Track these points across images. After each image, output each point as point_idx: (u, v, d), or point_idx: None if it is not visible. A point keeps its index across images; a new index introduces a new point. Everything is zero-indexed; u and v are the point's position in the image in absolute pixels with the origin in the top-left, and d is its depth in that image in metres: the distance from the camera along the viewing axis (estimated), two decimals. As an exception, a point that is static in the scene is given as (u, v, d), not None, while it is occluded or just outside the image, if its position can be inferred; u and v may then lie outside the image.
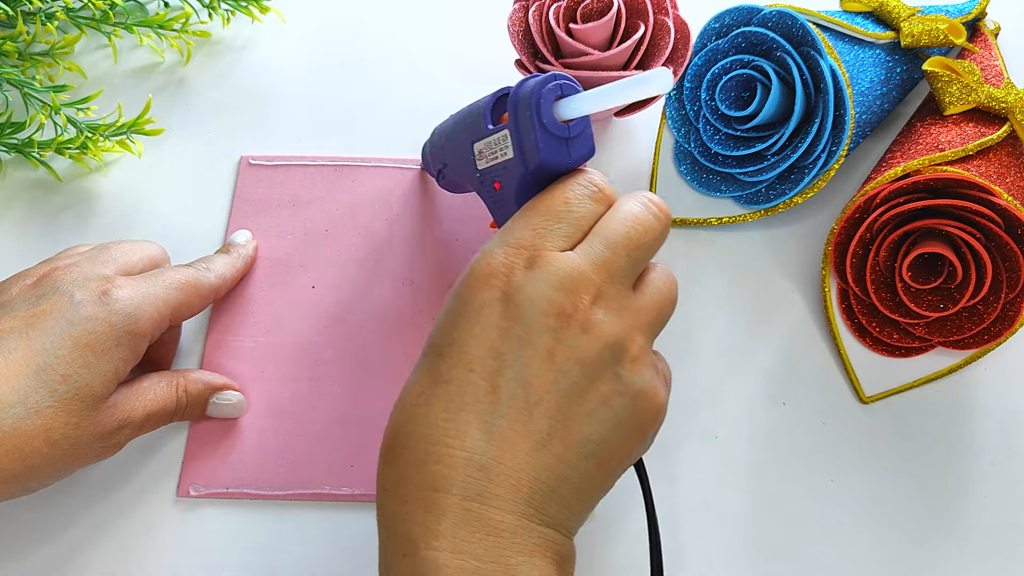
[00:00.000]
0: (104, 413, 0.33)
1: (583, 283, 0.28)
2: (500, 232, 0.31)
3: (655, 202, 0.31)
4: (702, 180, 0.45)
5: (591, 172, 0.32)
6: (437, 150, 0.39)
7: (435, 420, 0.27)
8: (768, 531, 0.38)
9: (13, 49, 0.45)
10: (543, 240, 0.29)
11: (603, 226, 0.30)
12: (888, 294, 0.41)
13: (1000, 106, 0.41)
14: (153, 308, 0.35)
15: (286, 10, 0.52)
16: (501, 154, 0.32)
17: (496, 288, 0.29)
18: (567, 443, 0.27)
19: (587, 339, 0.28)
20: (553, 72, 0.30)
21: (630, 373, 0.28)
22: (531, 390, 0.27)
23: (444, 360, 0.28)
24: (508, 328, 0.28)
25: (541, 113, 0.30)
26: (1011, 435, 0.40)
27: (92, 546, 0.37)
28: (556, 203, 0.30)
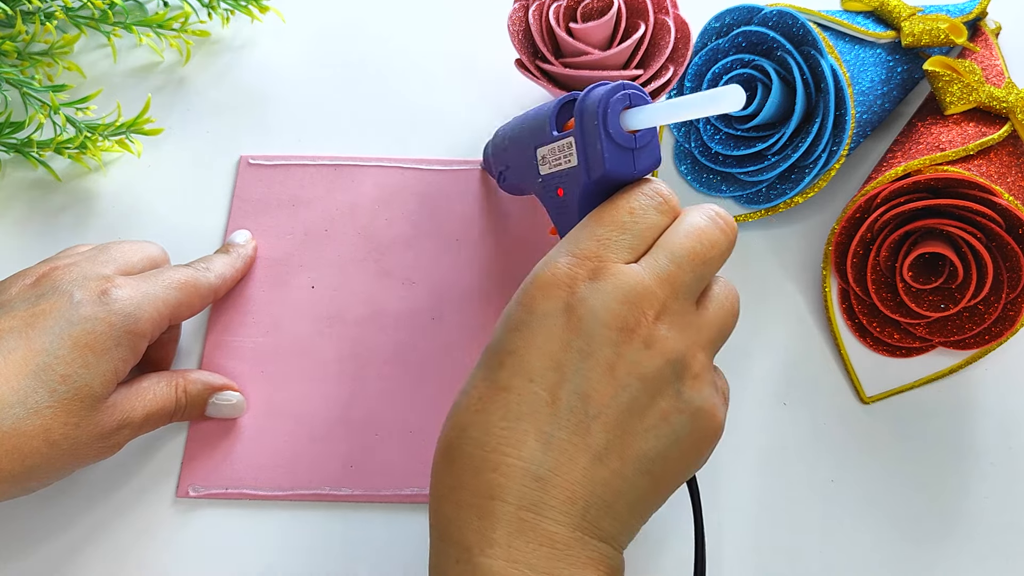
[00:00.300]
0: (103, 413, 0.33)
1: (647, 297, 0.28)
2: (564, 241, 0.30)
3: (722, 215, 0.31)
4: (702, 180, 0.45)
5: (657, 182, 0.31)
6: (500, 152, 0.39)
7: (493, 428, 0.27)
8: (768, 531, 0.37)
9: (12, 48, 0.45)
10: (607, 251, 0.29)
11: (669, 239, 0.30)
12: (889, 294, 0.40)
13: (1001, 106, 0.41)
14: (152, 308, 0.35)
15: (286, 10, 0.51)
16: (565, 161, 0.32)
17: (559, 298, 0.28)
18: (624, 458, 0.27)
19: (649, 354, 0.28)
20: (622, 81, 0.30)
21: (691, 391, 0.28)
22: (590, 403, 0.27)
23: (504, 368, 0.28)
24: (570, 340, 0.28)
25: (608, 123, 0.29)
26: (1012, 435, 0.40)
27: (91, 546, 0.37)
28: (621, 213, 0.30)
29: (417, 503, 0.38)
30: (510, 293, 0.42)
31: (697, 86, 0.45)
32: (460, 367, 0.40)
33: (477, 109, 0.48)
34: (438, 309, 0.42)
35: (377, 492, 0.38)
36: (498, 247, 0.43)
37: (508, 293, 0.42)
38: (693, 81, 0.45)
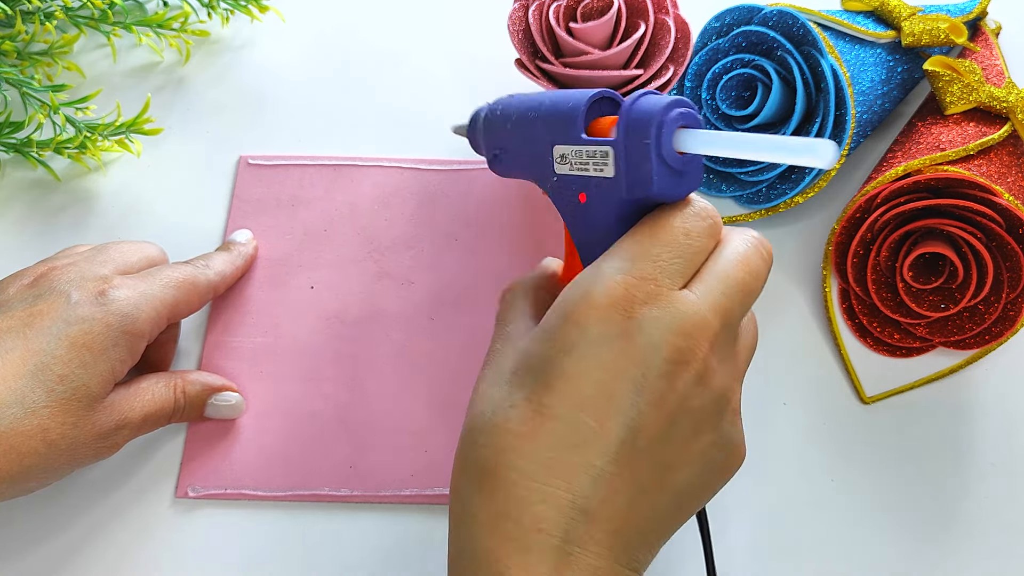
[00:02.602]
0: (101, 413, 0.33)
1: (704, 329, 0.27)
2: (616, 255, 0.28)
3: (763, 242, 0.30)
4: (703, 180, 0.45)
5: (705, 202, 0.30)
6: (499, 131, 0.34)
7: (540, 456, 0.26)
8: (769, 531, 0.37)
9: (12, 48, 0.45)
10: (664, 275, 0.27)
11: (718, 267, 0.28)
12: (889, 294, 0.40)
13: (1001, 106, 0.41)
14: (151, 307, 0.35)
15: (285, 9, 0.51)
16: (595, 168, 0.29)
17: (615, 323, 0.27)
18: (664, 491, 0.27)
19: (700, 390, 0.27)
20: (677, 97, 0.28)
21: (730, 426, 0.28)
22: (640, 436, 0.26)
23: (553, 393, 0.27)
24: (626, 370, 0.26)
25: (662, 144, 0.27)
26: (1012, 435, 0.40)
27: (90, 546, 0.37)
28: (678, 235, 0.28)
29: (417, 504, 0.38)
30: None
31: (697, 86, 0.45)
32: (459, 367, 0.40)
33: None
34: (437, 309, 0.42)
35: (377, 493, 0.38)
36: (497, 247, 0.43)
37: (508, 293, 0.42)
38: (693, 81, 0.45)
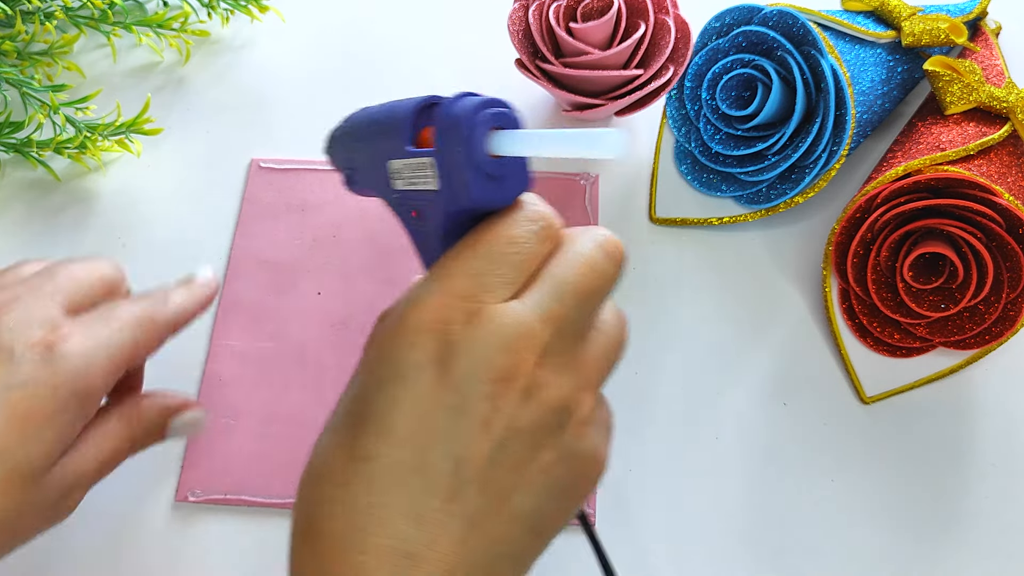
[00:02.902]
0: (47, 487, 0.29)
1: (529, 341, 0.25)
2: (433, 275, 0.27)
3: (611, 240, 0.27)
4: (703, 180, 0.45)
5: (539, 204, 0.27)
6: (347, 151, 0.33)
7: (357, 504, 0.24)
8: (769, 531, 0.37)
9: (12, 48, 0.45)
10: (484, 290, 0.25)
11: (553, 272, 0.26)
12: (889, 294, 0.40)
13: (1001, 106, 0.41)
14: (107, 358, 0.30)
15: (285, 10, 0.51)
16: (422, 182, 0.28)
17: (429, 349, 0.25)
18: (504, 520, 0.25)
19: (530, 406, 0.25)
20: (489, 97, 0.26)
21: (575, 439, 0.26)
22: (465, 466, 0.24)
23: (367, 434, 0.25)
24: (442, 397, 0.25)
25: (473, 150, 0.25)
26: (1012, 435, 0.40)
27: (90, 551, 0.37)
28: (500, 243, 0.26)
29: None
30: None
31: (697, 86, 0.45)
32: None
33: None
34: None
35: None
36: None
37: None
38: (693, 81, 0.45)
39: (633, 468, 0.38)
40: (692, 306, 0.42)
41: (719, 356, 0.41)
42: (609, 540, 0.37)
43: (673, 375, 0.41)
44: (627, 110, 0.44)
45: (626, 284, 0.43)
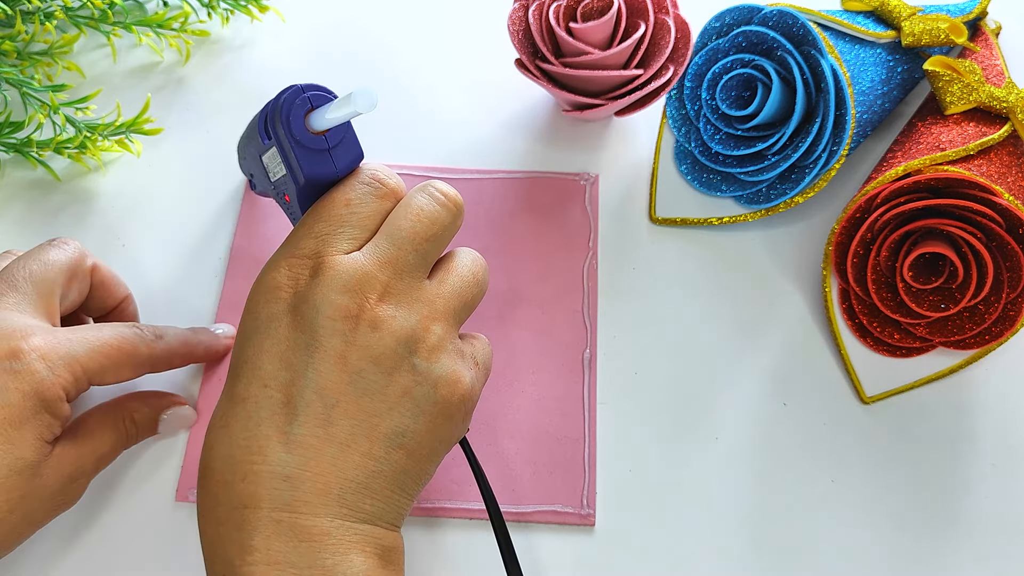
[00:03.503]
0: (49, 475, 0.31)
1: (368, 282, 0.29)
2: (284, 243, 0.31)
3: (443, 191, 0.31)
4: (703, 180, 0.45)
5: (373, 167, 0.31)
6: (241, 156, 0.38)
7: (236, 439, 0.28)
8: (769, 531, 0.37)
9: (12, 48, 0.45)
10: (326, 246, 0.29)
11: (389, 223, 0.30)
12: (889, 294, 0.40)
13: (1001, 106, 0.41)
14: (68, 372, 0.31)
15: (285, 10, 0.51)
16: (279, 169, 0.32)
17: (282, 301, 0.29)
18: (372, 439, 0.28)
19: (377, 336, 0.28)
20: (302, 84, 0.30)
21: (427, 363, 0.29)
22: (326, 395, 0.28)
23: (240, 380, 0.29)
24: (296, 338, 0.28)
25: (293, 130, 0.30)
26: (1012, 435, 0.40)
27: (90, 550, 0.37)
28: (338, 206, 0.30)
29: (417, 517, 0.38)
30: (517, 305, 0.42)
31: (697, 86, 0.45)
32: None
33: (476, 109, 0.48)
34: None
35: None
36: (506, 257, 0.43)
37: (515, 304, 0.42)
38: (693, 81, 0.45)
39: (633, 468, 0.38)
40: (692, 306, 0.42)
41: (719, 356, 0.41)
42: (609, 540, 0.37)
43: (673, 375, 0.41)
44: (627, 110, 0.44)
45: (626, 284, 0.43)
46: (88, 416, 0.35)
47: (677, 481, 0.38)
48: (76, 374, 0.32)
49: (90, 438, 0.34)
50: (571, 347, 0.41)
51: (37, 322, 0.32)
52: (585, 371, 0.40)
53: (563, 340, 0.41)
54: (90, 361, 0.32)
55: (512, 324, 0.41)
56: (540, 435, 0.39)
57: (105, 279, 0.37)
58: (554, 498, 0.38)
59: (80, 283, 0.36)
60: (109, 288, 0.38)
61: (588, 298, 0.42)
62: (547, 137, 0.47)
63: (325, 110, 0.29)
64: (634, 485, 0.38)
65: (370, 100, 0.28)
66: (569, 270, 0.43)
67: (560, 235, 0.44)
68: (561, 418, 0.39)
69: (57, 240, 0.36)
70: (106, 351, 0.33)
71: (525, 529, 0.37)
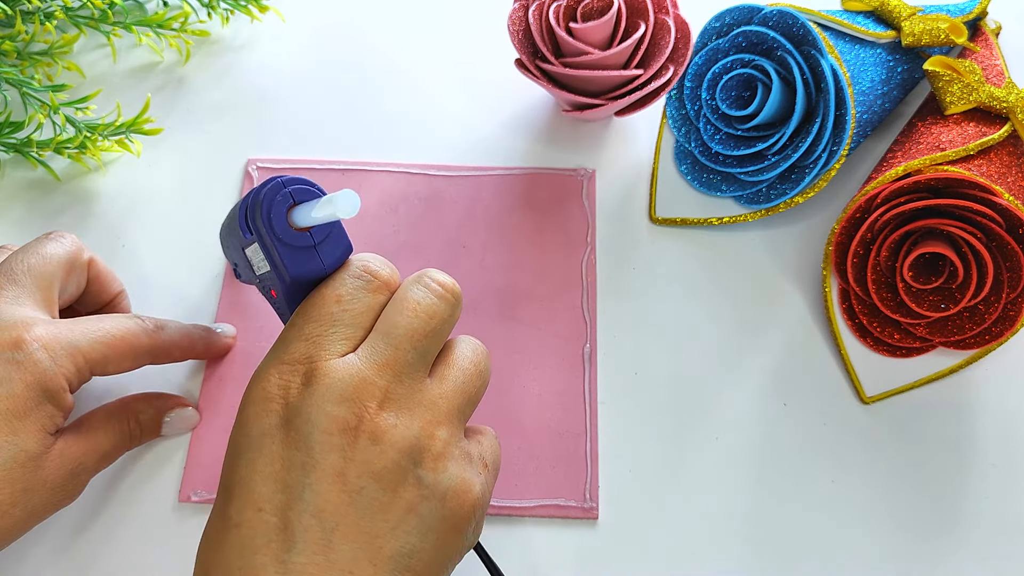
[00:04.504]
0: (51, 468, 0.31)
1: (366, 389, 0.27)
2: (274, 347, 0.29)
3: (439, 281, 0.30)
4: (703, 180, 0.45)
5: (365, 259, 0.30)
6: (224, 246, 0.36)
7: (230, 567, 0.25)
8: (769, 531, 0.37)
9: (12, 48, 0.45)
10: (319, 350, 0.27)
11: (384, 321, 0.28)
12: (889, 294, 0.40)
13: (1001, 106, 0.41)
14: (70, 362, 0.31)
15: (285, 9, 0.51)
16: (263, 264, 0.30)
17: (274, 413, 0.27)
18: (376, 563, 0.26)
19: (378, 450, 0.26)
20: (283, 177, 0.28)
21: (433, 474, 0.27)
22: (325, 517, 0.25)
23: (233, 502, 0.26)
24: (291, 456, 0.26)
25: (275, 228, 0.28)
26: (1012, 435, 0.40)
27: (93, 552, 0.37)
28: (329, 304, 0.28)
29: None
30: (517, 301, 0.42)
31: (697, 86, 0.45)
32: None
33: (476, 108, 0.48)
34: None
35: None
36: (506, 253, 0.43)
37: (515, 301, 0.42)
38: (693, 81, 0.45)
39: (633, 468, 0.38)
40: (692, 306, 0.42)
41: (719, 356, 0.41)
42: (609, 539, 0.37)
43: (673, 375, 0.41)
44: (627, 110, 0.44)
45: (626, 284, 0.43)
46: (92, 415, 0.35)
47: (677, 481, 0.38)
48: (78, 364, 0.32)
49: (93, 434, 0.34)
50: (571, 342, 0.41)
51: (37, 314, 0.32)
52: (586, 365, 0.40)
53: (563, 335, 0.41)
54: (92, 351, 0.32)
55: (512, 320, 0.41)
56: (542, 430, 0.39)
57: (101, 273, 0.37)
58: (557, 492, 0.38)
59: (78, 276, 0.36)
60: (104, 283, 0.38)
61: (587, 293, 0.42)
62: (547, 137, 0.47)
63: (308, 208, 0.28)
64: (634, 485, 0.38)
65: (352, 205, 0.26)
66: (567, 265, 0.43)
67: (558, 231, 0.44)
68: (563, 413, 0.39)
69: (54, 233, 0.36)
70: (108, 341, 0.33)
71: (528, 524, 0.37)
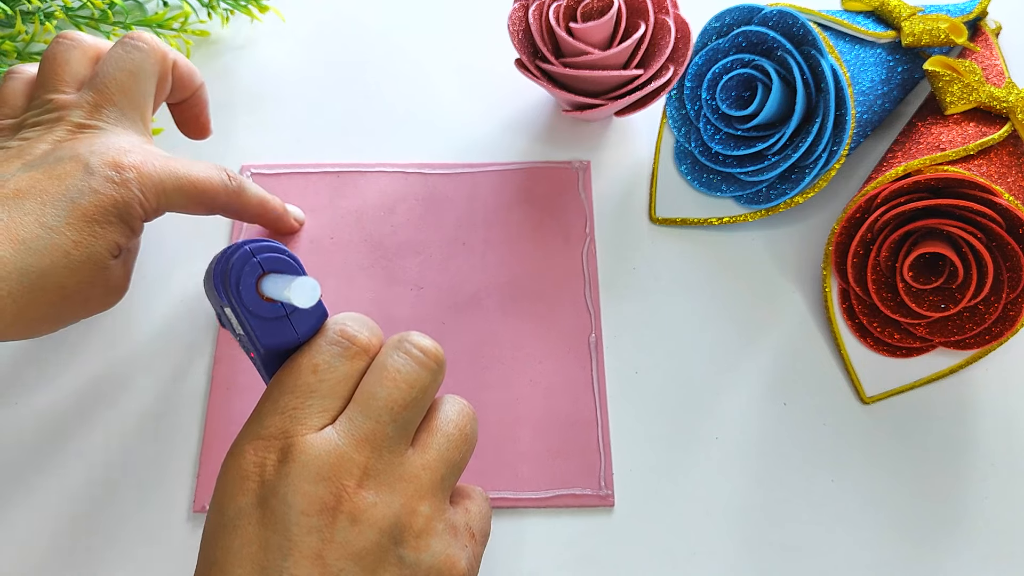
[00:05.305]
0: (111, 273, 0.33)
1: (344, 466, 0.26)
2: (249, 420, 0.28)
3: (421, 347, 0.28)
4: (703, 180, 0.45)
5: (342, 322, 0.28)
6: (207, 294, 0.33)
7: None
8: (768, 530, 0.37)
9: (12, 48, 0.45)
10: (295, 424, 0.26)
11: (363, 391, 0.27)
12: (889, 294, 0.40)
13: (1001, 106, 0.41)
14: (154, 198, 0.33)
15: (285, 9, 0.51)
16: (239, 328, 0.29)
17: (250, 492, 0.26)
18: None
19: (358, 530, 0.25)
20: (251, 244, 0.27)
21: (415, 553, 0.26)
22: None
23: None
24: (268, 538, 0.25)
25: (244, 300, 0.27)
26: (1012, 435, 0.40)
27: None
28: (304, 375, 0.27)
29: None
30: (519, 295, 0.42)
31: (697, 86, 0.45)
32: (473, 370, 0.40)
33: (477, 109, 0.48)
34: (448, 314, 0.42)
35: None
36: (506, 249, 0.43)
37: (517, 295, 0.42)
38: (693, 81, 0.45)
39: (633, 468, 0.39)
40: (692, 306, 0.42)
41: (719, 356, 0.41)
42: (608, 539, 0.37)
43: (673, 375, 0.41)
44: (627, 110, 0.44)
45: (626, 284, 0.43)
46: None
47: (677, 480, 0.38)
48: (160, 200, 0.34)
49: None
50: (576, 333, 0.41)
51: (134, 136, 0.35)
52: (592, 355, 0.41)
53: (567, 327, 0.41)
54: (174, 192, 0.34)
55: (515, 315, 0.42)
56: (553, 421, 0.39)
57: (184, 74, 0.39)
58: (572, 481, 0.38)
59: (166, 84, 0.38)
60: (187, 81, 0.39)
61: (589, 284, 0.42)
62: (547, 137, 0.47)
63: (278, 280, 0.27)
64: (634, 484, 0.38)
65: (310, 297, 0.25)
66: (568, 258, 0.43)
67: (557, 224, 0.44)
68: (572, 403, 0.39)
69: (136, 40, 0.36)
70: (189, 189, 0.34)
71: (545, 515, 0.37)
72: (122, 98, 0.35)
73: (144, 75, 0.36)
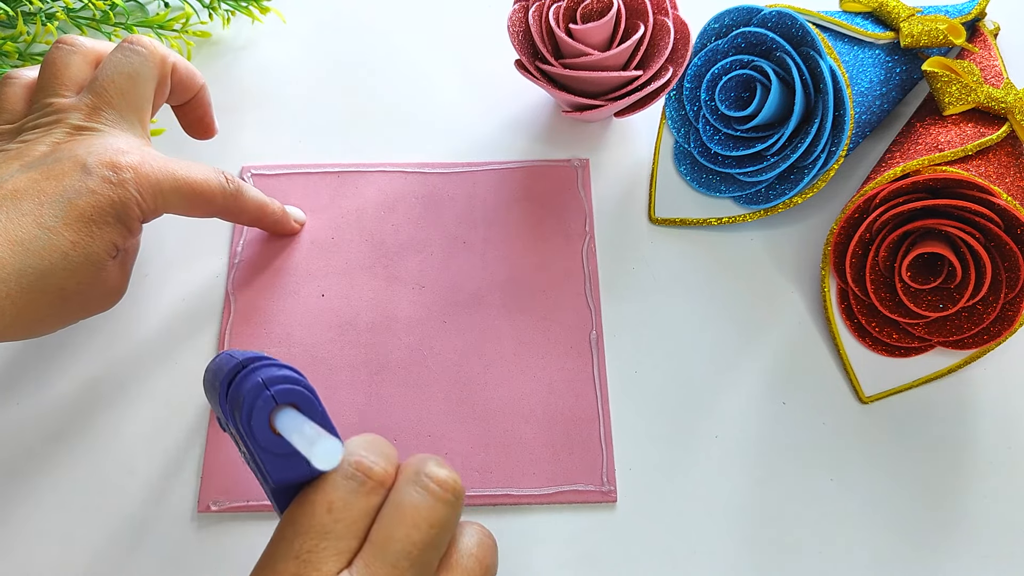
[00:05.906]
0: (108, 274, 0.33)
1: None
2: (261, 562, 0.26)
3: (439, 480, 0.27)
4: (702, 180, 0.45)
5: (356, 453, 0.27)
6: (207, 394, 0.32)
7: None
8: (767, 530, 0.38)
9: (13, 49, 0.46)
10: (310, 569, 0.25)
11: (380, 531, 0.26)
12: (888, 294, 0.41)
13: (999, 106, 0.41)
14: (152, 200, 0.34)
15: (286, 10, 0.52)
16: (244, 451, 0.27)
17: None
18: None
19: None
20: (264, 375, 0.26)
21: None
22: None
23: None
24: None
25: (257, 437, 0.25)
26: (1011, 435, 0.40)
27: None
28: (319, 514, 0.26)
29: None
30: (520, 293, 0.42)
31: (696, 87, 0.45)
32: (474, 368, 0.40)
33: (477, 109, 0.48)
34: (449, 312, 0.42)
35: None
36: (506, 246, 0.44)
37: (518, 293, 0.42)
38: (692, 82, 0.46)
39: (633, 467, 0.39)
40: (691, 306, 0.43)
41: (718, 356, 0.41)
42: (610, 536, 0.37)
43: (673, 374, 0.41)
44: (626, 111, 0.44)
45: (626, 284, 0.43)
46: None
47: (676, 480, 0.38)
48: (157, 201, 0.34)
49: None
50: (577, 330, 0.41)
51: (133, 138, 0.35)
52: (593, 352, 0.41)
53: (568, 324, 0.41)
54: (171, 194, 0.34)
55: (516, 312, 0.42)
56: (555, 418, 0.39)
57: (184, 77, 0.39)
58: (574, 478, 0.38)
59: (165, 87, 0.38)
60: (187, 84, 0.39)
61: (589, 281, 0.42)
62: (547, 137, 0.47)
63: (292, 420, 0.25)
64: (634, 484, 0.38)
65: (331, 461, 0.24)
66: (568, 256, 0.43)
67: (556, 222, 0.44)
68: (574, 399, 0.40)
69: (135, 44, 0.37)
70: (187, 191, 0.35)
71: (547, 511, 0.38)
72: (120, 101, 0.35)
73: (143, 79, 0.36)
